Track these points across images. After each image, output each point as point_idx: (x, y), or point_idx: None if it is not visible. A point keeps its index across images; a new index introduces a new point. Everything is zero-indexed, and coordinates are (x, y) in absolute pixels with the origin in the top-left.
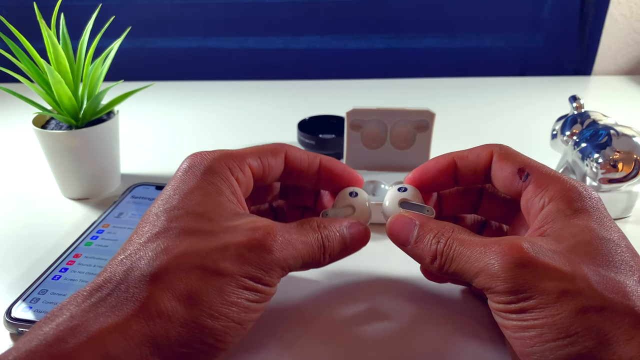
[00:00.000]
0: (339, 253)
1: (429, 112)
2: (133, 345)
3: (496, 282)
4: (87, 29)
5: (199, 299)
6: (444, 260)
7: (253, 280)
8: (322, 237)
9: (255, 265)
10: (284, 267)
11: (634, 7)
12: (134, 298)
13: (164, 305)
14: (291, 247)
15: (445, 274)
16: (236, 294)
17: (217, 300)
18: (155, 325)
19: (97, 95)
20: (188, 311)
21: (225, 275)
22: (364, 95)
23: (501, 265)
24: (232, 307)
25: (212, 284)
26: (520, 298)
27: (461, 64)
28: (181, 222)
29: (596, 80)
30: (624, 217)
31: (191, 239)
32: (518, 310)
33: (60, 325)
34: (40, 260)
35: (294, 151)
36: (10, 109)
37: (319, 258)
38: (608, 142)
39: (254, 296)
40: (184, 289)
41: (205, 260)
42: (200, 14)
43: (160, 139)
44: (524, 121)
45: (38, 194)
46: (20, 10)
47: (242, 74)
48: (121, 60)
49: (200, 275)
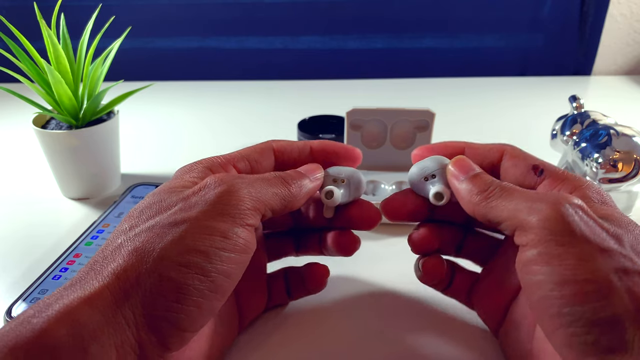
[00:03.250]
0: (303, 185)
1: (429, 112)
2: (103, 313)
3: (540, 229)
4: (87, 29)
5: (153, 249)
6: (492, 193)
7: (219, 221)
8: (279, 173)
9: (220, 204)
10: (253, 200)
11: (634, 7)
12: (101, 273)
13: (128, 267)
14: (249, 182)
15: (485, 211)
16: (198, 241)
17: (174, 249)
18: (122, 290)
19: (97, 95)
20: (150, 266)
21: (182, 223)
22: (364, 95)
23: (546, 214)
24: (193, 255)
25: (168, 234)
26: (560, 243)
27: (461, 64)
28: (154, 216)
29: (596, 80)
30: None
31: (157, 215)
32: (556, 257)
33: (32, 309)
34: (41, 260)
35: (281, 143)
36: (10, 109)
37: (284, 188)
38: (608, 142)
39: (221, 244)
40: (143, 247)
41: (166, 219)
42: (200, 14)
43: (160, 139)
44: (524, 121)
45: (38, 194)
46: (20, 10)
47: (242, 74)
48: (121, 60)
49: (159, 230)
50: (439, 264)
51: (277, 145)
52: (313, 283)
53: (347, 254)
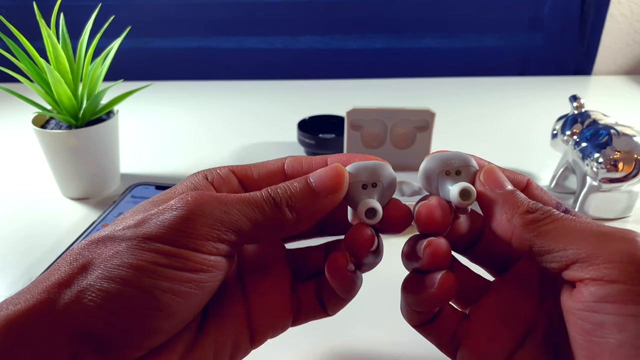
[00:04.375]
0: (306, 205)
1: (429, 112)
2: (42, 322)
3: (623, 263)
4: (86, 28)
5: (95, 261)
6: (542, 217)
7: (167, 244)
8: (270, 190)
9: (173, 230)
10: (218, 228)
11: (634, 7)
12: (47, 280)
13: (69, 278)
14: (222, 205)
15: (532, 237)
16: (137, 256)
17: (111, 262)
18: (62, 300)
19: (97, 95)
20: (88, 277)
21: (128, 240)
22: (364, 95)
23: (623, 248)
24: (131, 269)
25: (112, 248)
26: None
27: (461, 64)
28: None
29: (596, 80)
30: (624, 217)
31: (115, 227)
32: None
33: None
34: (40, 260)
35: (297, 157)
36: (10, 108)
37: (272, 214)
38: (608, 142)
39: (165, 261)
40: (88, 258)
41: (118, 232)
42: (200, 14)
43: (160, 138)
44: (524, 121)
45: (38, 193)
46: (20, 10)
47: (242, 74)
48: (121, 60)
49: (108, 242)
50: (455, 280)
51: (291, 160)
52: (330, 278)
53: (360, 255)
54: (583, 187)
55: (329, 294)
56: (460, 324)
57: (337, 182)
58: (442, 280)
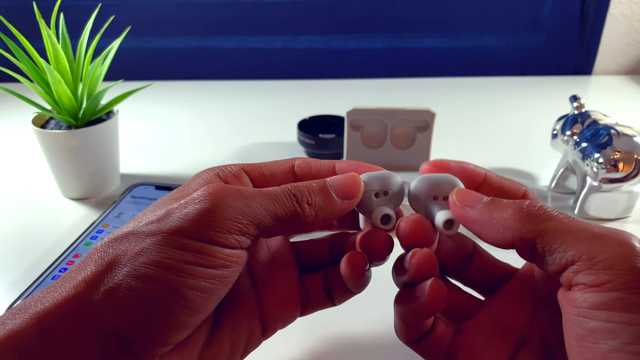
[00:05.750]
0: (324, 205)
1: (429, 112)
2: (71, 319)
3: (622, 270)
4: (86, 28)
5: (122, 258)
6: (538, 213)
7: (192, 238)
8: (290, 187)
9: (197, 223)
10: (239, 221)
11: (635, 6)
12: (74, 279)
13: (96, 276)
14: (244, 198)
15: (534, 235)
16: (165, 254)
17: (140, 260)
18: (90, 298)
19: (97, 95)
20: (115, 275)
21: (153, 235)
22: (364, 95)
23: (620, 252)
24: (159, 267)
25: (138, 245)
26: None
27: (461, 64)
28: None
29: (597, 80)
30: (624, 217)
31: (138, 223)
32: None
33: (9, 312)
34: (40, 260)
35: (306, 159)
36: (9, 108)
37: (293, 209)
38: (608, 142)
39: (191, 258)
40: (113, 255)
41: (142, 227)
42: (200, 14)
43: (160, 138)
44: (524, 121)
45: (37, 194)
46: (20, 10)
47: (242, 74)
48: (121, 60)
49: (132, 239)
50: (444, 288)
51: (300, 162)
52: (346, 275)
53: (379, 258)
54: (583, 188)
55: (338, 287)
56: (454, 339)
57: (354, 189)
58: (432, 287)
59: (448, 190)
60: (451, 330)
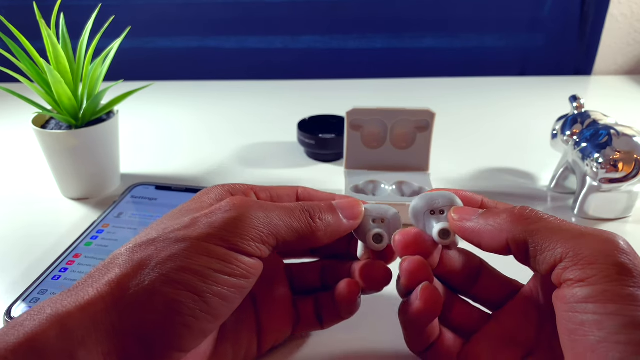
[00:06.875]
0: (332, 222)
1: (429, 112)
2: (94, 320)
3: (605, 264)
4: (86, 28)
5: (149, 263)
6: (530, 216)
7: (219, 245)
8: (303, 204)
9: (224, 230)
10: (262, 230)
11: (635, 6)
12: (98, 281)
13: (122, 278)
14: (264, 209)
15: (526, 236)
16: (194, 260)
17: (169, 266)
18: (115, 300)
19: (97, 95)
20: (144, 279)
21: (182, 241)
22: (364, 95)
23: (604, 249)
24: (188, 274)
25: (166, 250)
26: (626, 283)
27: (461, 64)
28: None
29: (596, 80)
30: (624, 217)
31: (163, 231)
32: (626, 297)
33: (27, 313)
34: (40, 260)
35: (307, 189)
36: (9, 109)
37: (307, 222)
38: (608, 142)
39: (218, 266)
40: (140, 260)
41: (169, 234)
42: (200, 14)
43: (160, 138)
44: (524, 121)
45: (38, 194)
46: (20, 10)
47: (242, 74)
48: (121, 60)
49: (159, 245)
50: (437, 291)
51: (302, 190)
52: (340, 301)
53: (377, 287)
54: (583, 188)
55: (329, 313)
56: (462, 349)
57: (357, 211)
58: (422, 290)
59: (443, 204)
60: (459, 342)
